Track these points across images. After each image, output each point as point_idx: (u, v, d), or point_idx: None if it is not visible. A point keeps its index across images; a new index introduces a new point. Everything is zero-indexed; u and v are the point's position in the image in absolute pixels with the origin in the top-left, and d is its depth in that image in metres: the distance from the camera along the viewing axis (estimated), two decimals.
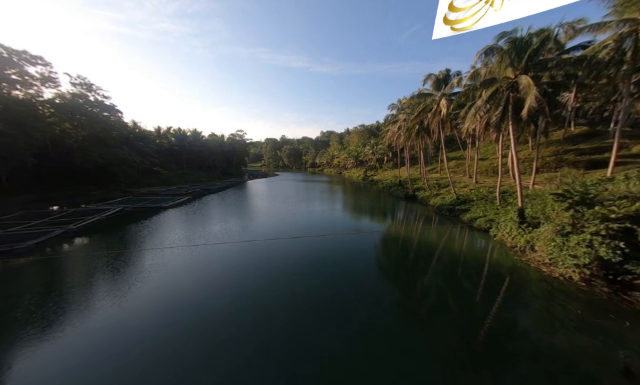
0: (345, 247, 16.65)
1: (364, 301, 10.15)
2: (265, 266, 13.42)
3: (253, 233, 19.49)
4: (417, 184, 38.46)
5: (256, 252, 15.35)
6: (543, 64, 15.69)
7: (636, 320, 8.38)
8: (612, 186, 12.57)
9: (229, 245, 16.51)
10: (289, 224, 22.38)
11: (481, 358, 7.27)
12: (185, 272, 12.70)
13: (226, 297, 10.32)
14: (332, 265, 13.57)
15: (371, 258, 15.36)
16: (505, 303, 10.06)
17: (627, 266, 9.39)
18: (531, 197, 18.71)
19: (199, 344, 7.58)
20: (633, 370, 6.26)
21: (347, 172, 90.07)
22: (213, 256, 14.75)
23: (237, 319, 8.78)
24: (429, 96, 28.01)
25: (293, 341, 7.72)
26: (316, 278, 12.00)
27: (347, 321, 8.76)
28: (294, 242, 17.04)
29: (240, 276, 12.28)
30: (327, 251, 15.69)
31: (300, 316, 9.06)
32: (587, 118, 36.80)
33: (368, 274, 12.79)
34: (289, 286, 11.13)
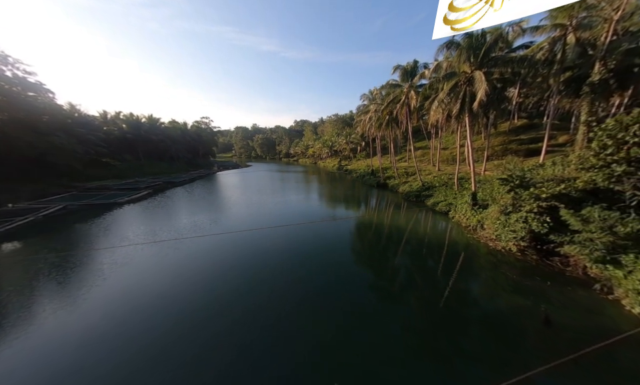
0: (322, 234, 17.02)
1: (342, 283, 10.70)
2: (240, 258, 13.08)
3: (226, 225, 18.68)
4: (387, 172, 40.53)
5: (231, 245, 14.83)
6: (494, 61, 17.43)
7: (554, 279, 10.39)
8: (542, 171, 14.92)
9: (200, 239, 15.58)
10: (265, 215, 21.93)
11: (442, 324, 8.32)
12: (152, 271, 11.75)
13: (199, 297, 9.85)
14: (310, 252, 13.87)
15: (347, 243, 16.06)
16: (460, 276, 11.52)
17: (550, 236, 11.44)
18: (482, 182, 21.22)
19: (175, 353, 7.18)
20: (550, 318, 7.83)
21: (322, 162, 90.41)
22: (183, 252, 13.80)
23: (213, 323, 8.40)
24: (398, 87, 29.11)
25: (276, 347, 7.25)
26: (296, 265, 12.15)
27: (327, 302, 9.17)
28: (271, 232, 16.84)
29: (214, 271, 11.78)
30: (305, 239, 15.89)
31: (283, 311, 9.09)
32: (527, 112, 42.41)
33: (345, 259, 13.41)
34: (268, 279, 11.07)
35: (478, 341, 7.74)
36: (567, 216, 10.73)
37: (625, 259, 8.78)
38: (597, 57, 17.55)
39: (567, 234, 10.72)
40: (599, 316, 8.27)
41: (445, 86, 18.76)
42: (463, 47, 17.03)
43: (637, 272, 8.31)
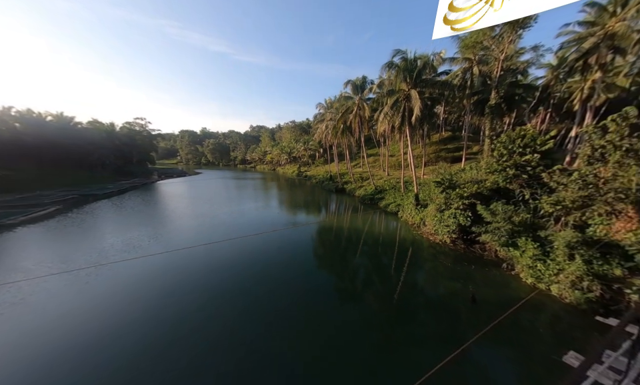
0: (284, 242, 16.61)
1: (306, 291, 10.60)
2: (188, 281, 11.47)
3: (170, 242, 16.17)
4: (345, 177, 42.76)
5: (176, 265, 12.86)
6: (425, 82, 20.71)
7: (476, 263, 12.75)
8: (464, 175, 18.31)
9: (134, 262, 12.99)
10: (220, 226, 19.96)
11: (396, 315, 9.12)
12: (61, 311, 9.10)
13: (130, 345, 8.14)
14: (272, 261, 13.30)
15: (310, 249, 16.08)
16: (409, 269, 12.93)
17: (472, 228, 14.04)
18: (422, 185, 24.60)
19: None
20: (475, 297, 9.53)
21: (281, 168, 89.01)
22: (107, 280, 11.23)
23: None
24: (350, 99, 31.38)
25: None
26: (257, 277, 11.39)
27: (291, 314, 8.85)
28: (228, 245, 15.40)
29: (152, 301, 9.97)
30: (266, 248, 15.16)
31: (247, 334, 8.34)
32: (451, 126, 51.65)
33: (308, 265, 13.37)
34: (225, 300, 10.01)
35: (424, 325, 8.80)
36: (481, 211, 13.40)
37: (519, 242, 11.48)
38: (492, 86, 22.87)
39: (482, 225, 13.36)
40: (507, 288, 10.52)
41: (389, 101, 21.22)
42: (400, 68, 19.65)
43: (527, 251, 10.95)
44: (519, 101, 23.70)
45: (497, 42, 21.41)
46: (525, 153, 13.54)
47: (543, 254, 10.54)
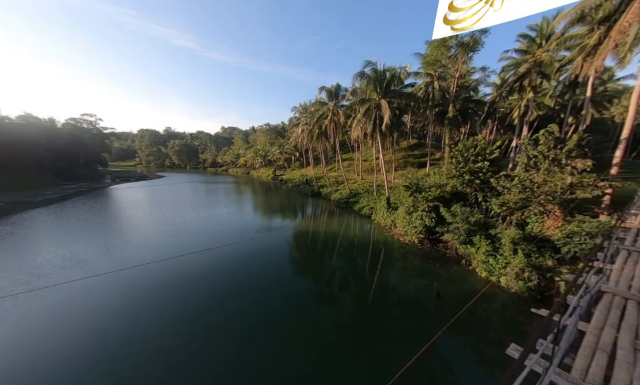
0: (260, 250, 15.99)
1: (282, 298, 10.35)
2: (147, 305, 10.26)
3: (126, 257, 14.26)
4: (320, 181, 43.18)
5: (134, 285, 11.40)
6: (393, 93, 22.19)
7: (440, 261, 13.92)
8: (429, 179, 19.99)
9: (78, 284, 11.14)
10: (185, 236, 18.31)
11: (371, 315, 9.43)
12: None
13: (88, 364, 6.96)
14: (246, 272, 12.64)
15: (286, 255, 15.77)
16: (382, 269, 13.53)
17: (436, 228, 15.33)
18: (393, 188, 26.12)
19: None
20: (440, 292, 10.38)
21: (256, 171, 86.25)
22: (40, 308, 9.43)
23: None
24: (325, 105, 32.02)
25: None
26: (229, 293, 10.70)
27: (266, 323, 8.50)
28: (196, 258, 14.17)
29: (102, 327, 8.68)
30: (239, 258, 14.38)
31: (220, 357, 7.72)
32: (417, 134, 56.09)
33: (285, 272, 13.07)
34: (192, 324, 9.18)
35: (397, 322, 9.27)
36: (443, 212, 14.74)
37: (475, 239, 12.88)
38: (450, 100, 25.55)
39: (445, 225, 14.68)
40: (466, 282, 11.68)
41: (361, 109, 22.20)
42: (371, 78, 20.78)
43: (481, 247, 12.34)
44: (472, 114, 26.87)
45: (453, 61, 24.07)
46: (478, 161, 15.35)
47: (494, 250, 11.99)
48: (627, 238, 6.35)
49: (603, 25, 13.20)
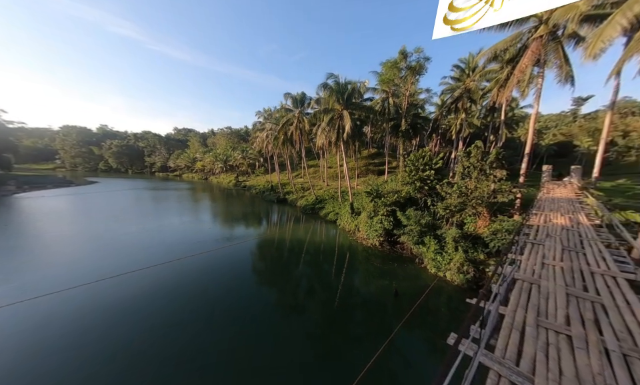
0: (220, 261, 14.71)
1: (246, 312, 9.68)
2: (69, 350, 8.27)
3: (38, 283, 11.23)
4: (286, 188, 42.60)
5: (46, 322, 9.02)
6: (354, 105, 23.75)
7: (398, 261, 15.18)
8: (387, 186, 21.79)
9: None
10: (123, 252, 15.52)
11: (337, 320, 9.56)
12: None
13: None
14: (204, 288, 11.40)
15: (249, 265, 14.92)
16: (347, 272, 13.98)
17: (394, 231, 16.71)
18: (356, 194, 27.55)
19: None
20: (397, 291, 11.28)
21: (216, 177, 79.96)
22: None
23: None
24: (291, 112, 32.11)
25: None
26: (183, 316, 9.41)
27: (229, 344, 7.74)
28: (137, 276, 12.11)
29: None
30: (196, 273, 12.90)
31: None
32: (376, 144, 60.90)
33: (249, 283, 12.28)
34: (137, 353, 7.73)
35: (360, 323, 9.65)
36: (400, 216, 16.21)
37: (426, 240, 14.49)
38: (402, 115, 28.69)
39: (401, 228, 16.13)
40: (419, 279, 12.97)
41: (325, 118, 23.05)
42: (333, 90, 21.86)
43: (431, 247, 13.94)
44: (420, 129, 30.68)
45: (404, 81, 27.22)
46: (426, 170, 17.50)
47: (440, 248, 13.69)
48: (531, 233, 8.09)
49: (509, 65, 16.87)
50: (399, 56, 25.43)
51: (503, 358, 2.77)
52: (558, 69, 14.68)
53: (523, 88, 17.42)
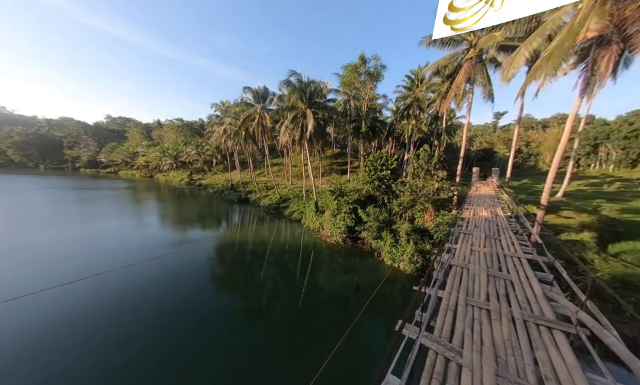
0: (172, 268, 13.01)
1: (204, 322, 8.83)
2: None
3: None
4: (248, 187, 40.44)
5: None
6: (317, 105, 24.02)
7: (359, 256, 16.07)
8: (349, 185, 22.78)
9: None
10: (35, 266, 12.23)
11: (301, 319, 9.55)
12: None
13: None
14: (152, 301, 9.90)
15: (207, 271, 13.65)
16: (312, 271, 14.10)
17: (356, 227, 17.61)
18: (320, 193, 28.00)
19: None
20: (358, 284, 11.95)
21: (164, 175, 70.48)
22: None
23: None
24: (252, 106, 30.50)
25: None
26: (126, 335, 7.90)
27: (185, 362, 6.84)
28: (60, 293, 9.69)
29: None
30: (141, 283, 11.07)
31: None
32: (339, 144, 63.04)
33: (206, 291, 11.18)
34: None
35: (324, 319, 9.88)
36: (361, 213, 17.16)
37: (383, 234, 15.70)
38: (363, 118, 30.41)
39: (362, 224, 17.11)
40: (378, 271, 13.99)
41: (289, 115, 22.68)
42: (296, 88, 21.67)
43: (387, 240, 15.17)
44: (379, 132, 33.06)
45: (363, 85, 28.85)
46: (383, 170, 18.94)
47: (395, 241, 15.03)
48: (463, 225, 9.60)
49: (449, 79, 19.56)
50: (358, 61, 26.77)
51: (440, 337, 3.19)
52: (483, 87, 17.72)
53: (458, 101, 20.48)
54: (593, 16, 9.02)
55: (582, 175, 49.99)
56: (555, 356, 2.85)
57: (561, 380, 2.52)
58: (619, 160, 55.74)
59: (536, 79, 11.11)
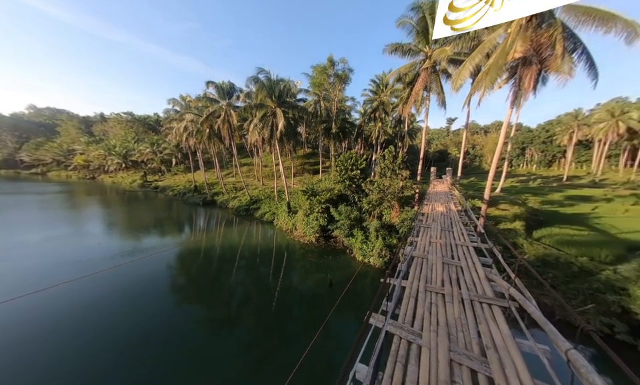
0: (124, 284, 11.30)
1: (168, 339, 7.93)
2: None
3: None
4: (215, 188, 37.82)
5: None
6: (287, 104, 23.74)
7: (332, 254, 16.42)
8: (321, 184, 23.07)
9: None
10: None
11: (274, 322, 9.34)
12: None
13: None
14: (104, 321, 8.43)
15: (168, 282, 12.32)
16: (285, 273, 13.89)
17: (329, 226, 17.93)
18: (292, 193, 27.73)
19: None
20: (332, 282, 12.22)
21: (110, 176, 61.35)
22: None
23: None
24: (216, 102, 28.57)
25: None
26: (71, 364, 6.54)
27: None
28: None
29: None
30: (88, 303, 9.33)
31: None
32: (311, 144, 63.31)
33: (167, 304, 10.05)
34: None
35: (298, 319, 9.87)
36: (333, 212, 17.54)
37: (355, 232, 16.31)
38: (333, 119, 31.13)
39: (334, 223, 17.50)
40: (349, 267, 14.50)
41: (258, 114, 21.93)
42: (265, 85, 21.09)
43: (358, 237, 15.82)
44: (348, 133, 34.23)
45: (333, 87, 29.54)
46: (353, 169, 19.67)
47: (365, 238, 15.78)
48: (423, 219, 10.61)
49: (409, 86, 21.30)
50: (327, 62, 27.28)
51: (403, 323, 3.48)
52: (437, 95, 19.76)
53: (418, 106, 22.45)
54: (518, 40, 10.83)
55: (514, 173, 59.72)
56: (494, 327, 3.37)
57: (498, 347, 2.99)
58: (539, 161, 67.97)
59: (478, 90, 12.86)
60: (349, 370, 1.41)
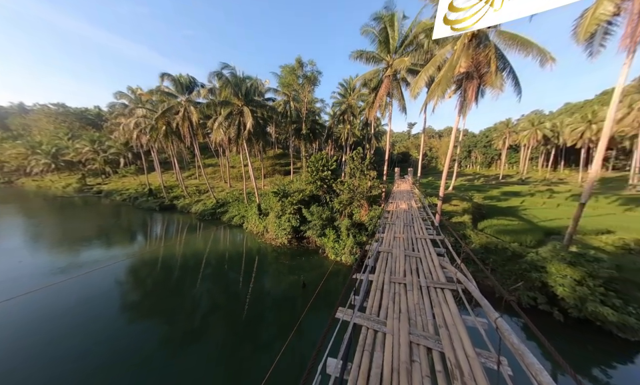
0: (61, 305, 9.37)
1: (119, 365, 6.78)
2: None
3: None
4: (174, 191, 34.34)
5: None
6: (255, 102, 22.97)
7: (305, 255, 16.46)
8: (293, 185, 22.90)
9: None
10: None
11: (245, 331, 8.96)
12: None
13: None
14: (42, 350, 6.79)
15: (117, 300, 10.74)
16: (257, 278, 13.42)
17: (301, 227, 17.91)
18: (263, 195, 26.89)
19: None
20: (305, 283, 12.28)
21: (34, 179, 50.69)
22: None
23: None
24: (174, 97, 26.03)
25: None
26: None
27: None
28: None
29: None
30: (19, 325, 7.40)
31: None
32: (282, 144, 62.25)
33: (116, 326, 8.72)
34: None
35: (271, 323, 9.65)
36: (305, 213, 17.59)
37: (327, 232, 16.63)
38: (303, 120, 31.21)
39: (307, 224, 17.57)
40: (322, 267, 14.74)
41: (223, 112, 20.70)
42: (230, 82, 20.07)
43: (330, 237, 16.17)
44: (319, 134, 34.70)
45: (302, 88, 29.62)
46: (324, 170, 20.04)
47: (337, 237, 16.23)
48: (388, 216, 11.43)
49: (374, 91, 22.62)
50: (296, 63, 27.23)
51: (370, 314, 3.74)
52: (399, 101, 21.44)
53: (382, 111, 23.99)
54: (462, 56, 12.48)
55: (463, 173, 68.47)
56: (445, 309, 3.87)
57: (448, 325, 3.45)
58: (482, 162, 79.01)
59: (432, 98, 14.39)
60: (316, 365, 1.48)
